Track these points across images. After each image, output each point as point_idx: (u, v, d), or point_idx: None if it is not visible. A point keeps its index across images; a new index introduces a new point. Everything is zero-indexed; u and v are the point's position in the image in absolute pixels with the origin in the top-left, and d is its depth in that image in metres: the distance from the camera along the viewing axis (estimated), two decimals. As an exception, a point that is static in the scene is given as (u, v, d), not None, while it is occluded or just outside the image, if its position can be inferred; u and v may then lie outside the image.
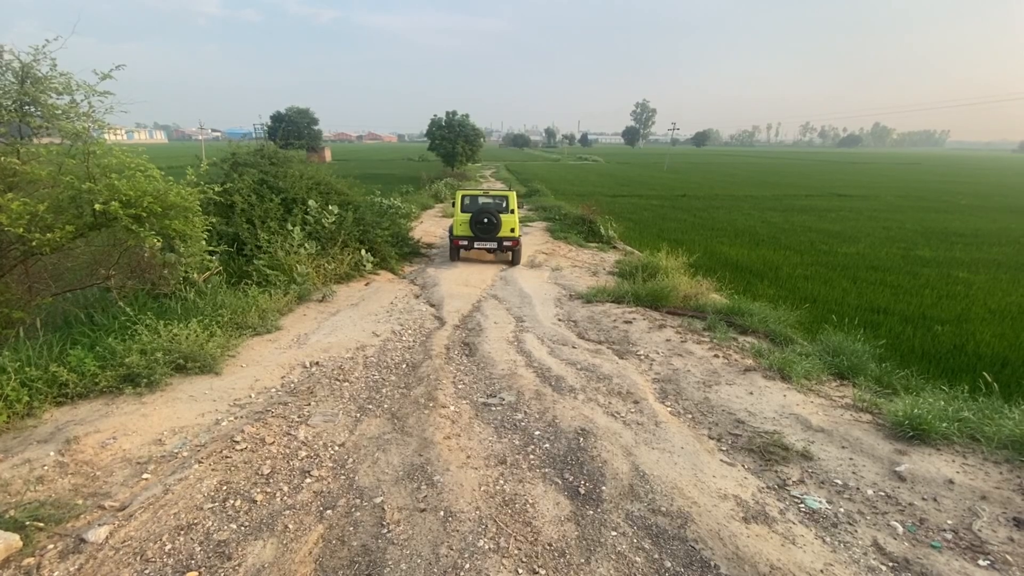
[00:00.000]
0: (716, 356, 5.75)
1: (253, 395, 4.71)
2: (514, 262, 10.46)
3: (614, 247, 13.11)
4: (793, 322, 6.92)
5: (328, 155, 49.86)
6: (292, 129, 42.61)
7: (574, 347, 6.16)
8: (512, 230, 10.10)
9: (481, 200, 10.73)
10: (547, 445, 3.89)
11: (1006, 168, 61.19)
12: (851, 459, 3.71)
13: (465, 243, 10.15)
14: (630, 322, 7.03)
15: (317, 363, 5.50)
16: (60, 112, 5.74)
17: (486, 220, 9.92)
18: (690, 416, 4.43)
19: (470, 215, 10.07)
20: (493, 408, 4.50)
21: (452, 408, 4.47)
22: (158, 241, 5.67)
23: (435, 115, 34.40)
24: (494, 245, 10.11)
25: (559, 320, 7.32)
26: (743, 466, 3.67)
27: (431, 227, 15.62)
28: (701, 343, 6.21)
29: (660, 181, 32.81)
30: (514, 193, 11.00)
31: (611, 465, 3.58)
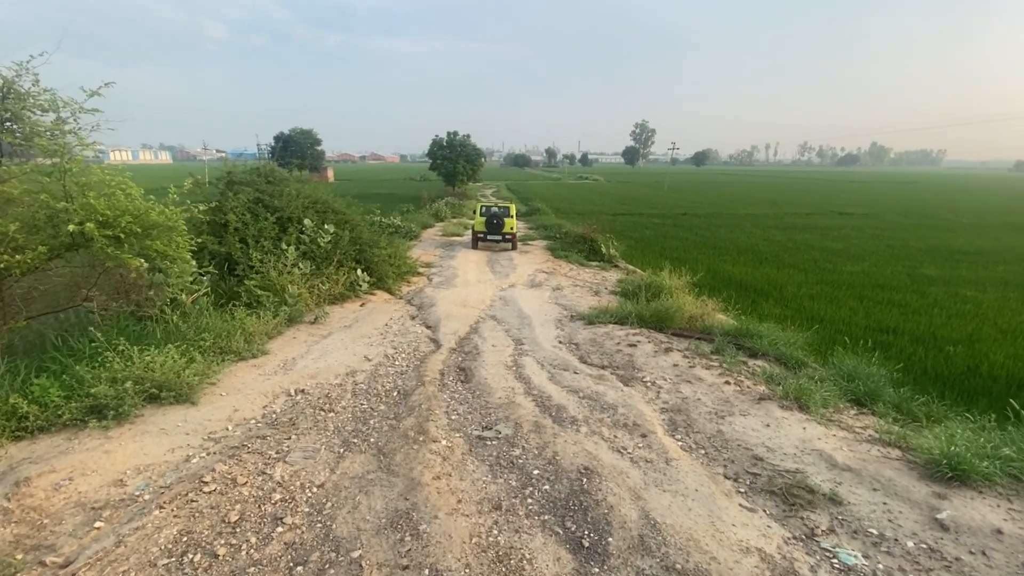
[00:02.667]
0: (727, 383, 5.41)
1: (230, 427, 4.37)
2: (512, 248, 14.76)
3: (616, 266, 12.86)
4: (803, 344, 6.65)
5: (331, 175, 50.19)
6: (295, 149, 42.95)
7: (576, 372, 5.82)
8: (512, 228, 14.62)
9: (492, 209, 15.17)
10: (547, 487, 3.52)
11: (1004, 186, 61.36)
12: (885, 504, 3.34)
13: (481, 235, 14.63)
14: (634, 345, 6.70)
15: (303, 391, 5.17)
16: (44, 130, 5.55)
17: (495, 221, 14.38)
18: (703, 452, 4.07)
19: (485, 218, 14.58)
20: (488, 443, 4.15)
21: (444, 442, 4.12)
22: (143, 262, 5.41)
23: (436, 135, 34.67)
24: (499, 238, 14.53)
25: (560, 343, 7.00)
26: (765, 511, 3.30)
27: (431, 247, 15.40)
28: (710, 368, 5.87)
29: (661, 200, 32.80)
30: (514, 204, 16.39)
31: (618, 511, 3.21)
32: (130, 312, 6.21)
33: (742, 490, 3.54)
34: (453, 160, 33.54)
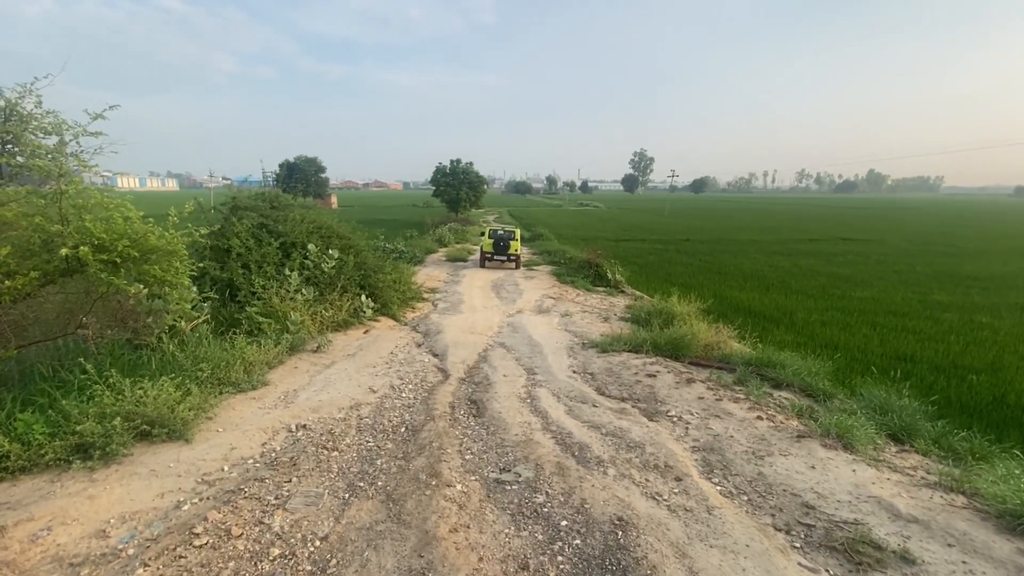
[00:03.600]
0: (759, 418, 5.06)
1: (226, 468, 4.01)
2: (516, 268, 16.12)
3: (622, 291, 12.63)
4: (826, 374, 6.35)
5: (334, 201, 50.51)
6: (300, 176, 43.38)
7: (595, 405, 5.47)
8: (516, 250, 16.05)
9: (499, 232, 16.55)
10: (578, 541, 3.14)
11: (1005, 212, 61.72)
12: (964, 563, 2.96)
13: (489, 255, 16.00)
14: (654, 375, 6.37)
15: (304, 426, 4.82)
16: (45, 152, 5.39)
17: (501, 243, 15.88)
18: (746, 498, 3.69)
19: (493, 240, 15.98)
20: (508, 487, 3.78)
21: (459, 487, 3.75)
22: (141, 287, 5.15)
23: (440, 163, 35.03)
24: (505, 258, 15.94)
25: (574, 372, 6.66)
26: (828, 572, 2.91)
27: (435, 271, 15.21)
28: (738, 401, 5.52)
29: (662, 226, 32.86)
30: (519, 229, 18.41)
31: (663, 573, 2.83)
32: (127, 340, 5.91)
33: (797, 544, 3.15)
34: (456, 187, 33.79)
